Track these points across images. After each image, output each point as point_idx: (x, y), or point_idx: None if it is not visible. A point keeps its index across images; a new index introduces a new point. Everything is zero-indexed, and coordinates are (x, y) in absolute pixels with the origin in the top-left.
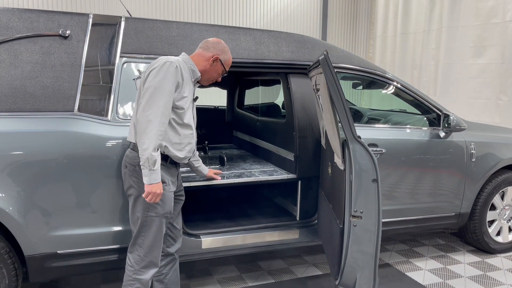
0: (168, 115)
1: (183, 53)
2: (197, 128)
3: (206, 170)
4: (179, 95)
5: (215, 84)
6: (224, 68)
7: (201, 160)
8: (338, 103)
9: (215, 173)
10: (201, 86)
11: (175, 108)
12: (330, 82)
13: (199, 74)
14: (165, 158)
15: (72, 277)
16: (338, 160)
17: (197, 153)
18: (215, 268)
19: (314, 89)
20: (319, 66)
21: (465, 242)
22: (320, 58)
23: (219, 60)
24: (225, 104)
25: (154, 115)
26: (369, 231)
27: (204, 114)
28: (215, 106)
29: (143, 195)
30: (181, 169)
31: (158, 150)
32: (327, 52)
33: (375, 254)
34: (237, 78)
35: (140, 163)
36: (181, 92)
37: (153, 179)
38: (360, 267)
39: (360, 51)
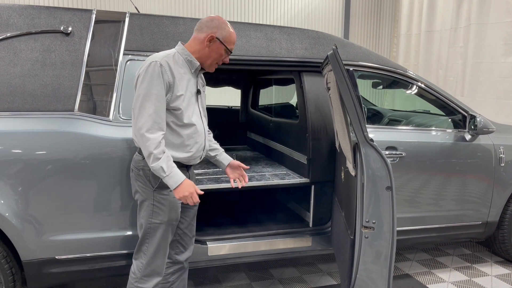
0: (161, 121)
1: (179, 43)
2: (210, 128)
3: (227, 160)
4: (172, 95)
5: (228, 83)
6: (226, 46)
7: (221, 150)
8: (348, 102)
9: (238, 166)
10: (211, 83)
11: (172, 109)
12: (339, 80)
13: (198, 64)
14: None
15: (75, 283)
16: (349, 165)
17: (214, 144)
18: (224, 275)
19: (326, 88)
20: (329, 63)
21: (492, 253)
22: (329, 53)
23: (216, 38)
24: (239, 104)
25: (146, 125)
26: (382, 244)
27: (218, 115)
28: (229, 106)
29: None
30: None
31: (159, 158)
32: (336, 46)
33: (389, 269)
34: (250, 77)
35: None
36: (174, 92)
37: (173, 183)
38: (372, 282)
39: (384, 50)
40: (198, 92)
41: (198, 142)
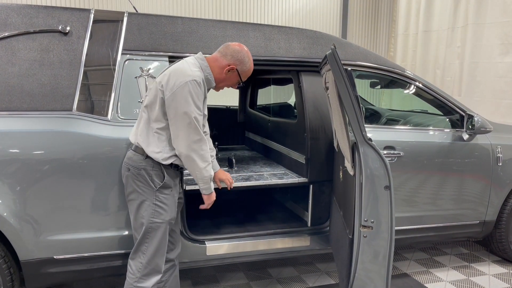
0: (203, 135)
1: (200, 55)
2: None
3: (216, 168)
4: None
5: None
6: (241, 78)
7: (213, 156)
8: (347, 102)
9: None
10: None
11: None
12: (338, 79)
13: (214, 84)
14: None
15: (73, 282)
16: (348, 164)
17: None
18: (222, 275)
19: (324, 88)
20: (328, 62)
21: (490, 252)
22: (327, 53)
23: (236, 70)
24: (238, 104)
25: (199, 141)
26: (381, 243)
27: (216, 114)
28: (227, 106)
29: (203, 207)
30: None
31: (210, 165)
32: (335, 46)
33: (387, 268)
34: (249, 77)
35: (200, 183)
36: (203, 110)
37: (210, 188)
38: (371, 281)
39: (381, 50)
40: None
41: None
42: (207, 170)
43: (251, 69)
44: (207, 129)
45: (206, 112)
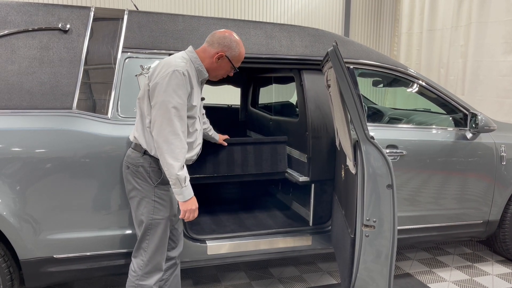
0: (185, 129)
1: (190, 48)
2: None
3: (217, 136)
4: (188, 104)
5: (228, 82)
6: (233, 64)
7: (211, 127)
8: (349, 99)
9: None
10: (210, 82)
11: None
12: (340, 76)
13: (207, 75)
14: None
15: (74, 282)
16: (350, 163)
17: (207, 121)
18: (223, 274)
19: (326, 86)
20: (330, 60)
21: (493, 252)
22: (329, 50)
23: (225, 56)
24: (239, 103)
25: (172, 134)
26: (383, 243)
27: (217, 113)
28: (228, 105)
29: (180, 216)
30: None
31: (184, 167)
32: (336, 43)
33: (390, 268)
34: (250, 76)
35: (171, 184)
36: (190, 101)
37: (187, 194)
38: (373, 281)
39: (384, 49)
40: (201, 99)
41: (199, 144)
42: (174, 167)
43: (241, 53)
44: (198, 126)
45: (194, 104)
